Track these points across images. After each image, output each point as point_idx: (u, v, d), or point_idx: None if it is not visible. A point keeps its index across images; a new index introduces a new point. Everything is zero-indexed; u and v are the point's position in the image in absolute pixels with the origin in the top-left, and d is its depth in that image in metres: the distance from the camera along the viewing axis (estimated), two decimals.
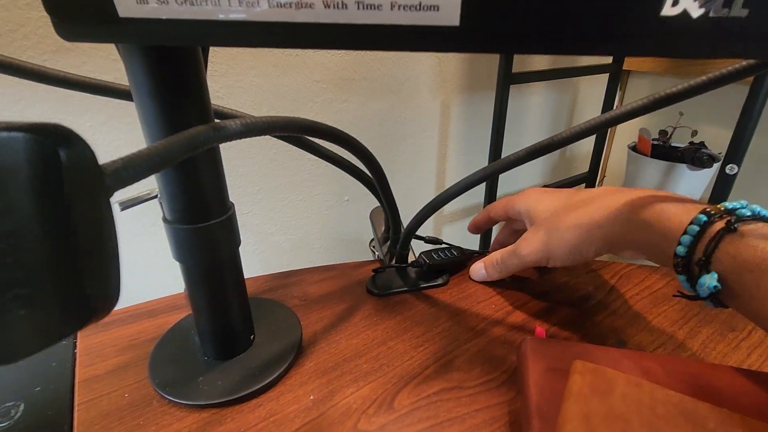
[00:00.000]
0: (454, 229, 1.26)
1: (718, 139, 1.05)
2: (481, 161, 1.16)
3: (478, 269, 0.45)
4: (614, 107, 1.38)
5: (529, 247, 0.39)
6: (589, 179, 1.40)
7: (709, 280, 0.26)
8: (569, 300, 0.42)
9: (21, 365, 0.36)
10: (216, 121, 0.22)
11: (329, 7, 0.17)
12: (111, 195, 0.12)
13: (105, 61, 0.52)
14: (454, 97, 1.03)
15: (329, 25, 0.18)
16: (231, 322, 0.34)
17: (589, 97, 1.46)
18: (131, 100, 0.26)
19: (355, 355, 0.36)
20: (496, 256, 0.43)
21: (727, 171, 0.85)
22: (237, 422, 0.30)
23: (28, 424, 0.30)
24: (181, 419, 0.30)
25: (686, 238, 0.27)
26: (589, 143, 1.38)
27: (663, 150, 1.06)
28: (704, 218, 0.27)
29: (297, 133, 0.26)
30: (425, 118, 1.01)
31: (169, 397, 0.31)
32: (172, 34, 0.19)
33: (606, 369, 0.27)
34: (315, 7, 0.17)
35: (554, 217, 0.38)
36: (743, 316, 0.27)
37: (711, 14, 0.16)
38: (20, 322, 0.10)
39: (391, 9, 0.17)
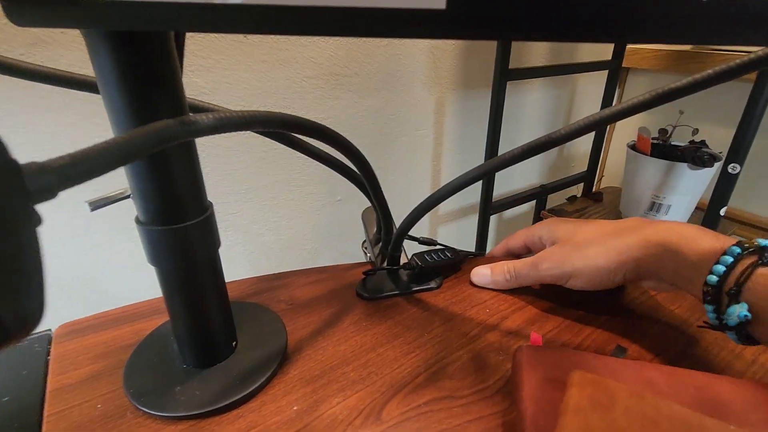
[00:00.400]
0: (449, 230, 1.25)
1: (719, 138, 1.04)
2: (477, 159, 1.15)
3: (483, 274, 0.44)
4: (613, 105, 1.37)
5: (551, 261, 0.38)
6: (588, 178, 1.39)
7: (739, 309, 0.27)
8: (566, 304, 0.41)
9: None
10: (187, 115, 0.21)
11: None
12: (35, 201, 0.11)
13: (84, 54, 0.50)
14: (449, 94, 1.02)
15: (311, 8, 0.16)
16: (211, 329, 0.32)
17: (587, 94, 1.46)
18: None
19: (343, 362, 0.35)
20: (509, 265, 0.42)
21: (730, 170, 0.84)
22: None
23: None
24: (160, 429, 0.28)
25: (719, 268, 0.29)
26: (587, 142, 1.38)
27: (663, 149, 1.05)
28: (738, 250, 0.29)
29: (278, 128, 0.25)
30: (420, 115, 0.99)
31: (144, 409, 0.30)
32: (139, 17, 0.17)
33: (606, 380, 0.25)
34: None
35: (582, 238, 0.38)
36: None
37: None
38: None
39: None
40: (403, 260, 0.46)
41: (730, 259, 0.28)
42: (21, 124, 0.54)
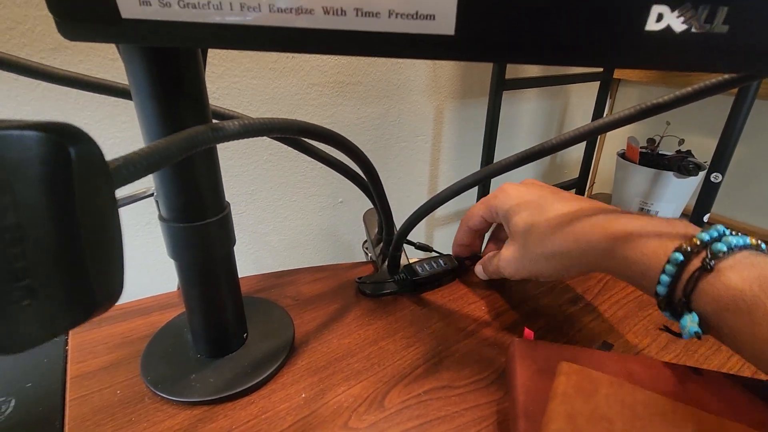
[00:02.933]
0: (445, 233, 1.27)
1: (704, 147, 1.07)
2: (474, 165, 1.17)
3: (478, 269, 0.45)
4: (604, 115, 1.40)
5: (512, 269, 0.38)
6: (580, 184, 1.41)
7: (690, 324, 0.26)
8: (557, 303, 0.43)
9: (12, 361, 0.36)
10: (214, 121, 0.23)
11: (329, 13, 0.18)
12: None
13: (102, 60, 0.52)
14: (448, 102, 1.04)
15: (328, 31, 0.18)
16: (224, 321, 0.34)
17: (579, 104, 1.48)
18: (130, 98, 0.26)
19: (347, 354, 0.36)
20: (484, 262, 0.43)
21: (712, 179, 0.86)
22: (229, 419, 0.30)
23: (19, 419, 0.30)
24: (172, 416, 0.30)
25: (665, 278, 0.27)
26: (579, 150, 1.40)
27: (651, 157, 1.08)
28: (681, 257, 0.26)
29: (294, 135, 0.27)
30: (419, 122, 1.01)
31: (161, 394, 0.31)
32: (173, 35, 0.19)
33: (591, 371, 0.27)
34: (315, 13, 0.18)
35: (533, 237, 0.36)
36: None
37: (693, 30, 0.16)
38: (24, 313, 0.10)
39: (389, 17, 0.18)
40: (403, 261, 0.48)
41: (672, 269, 0.27)
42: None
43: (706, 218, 0.91)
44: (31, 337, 0.10)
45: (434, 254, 0.49)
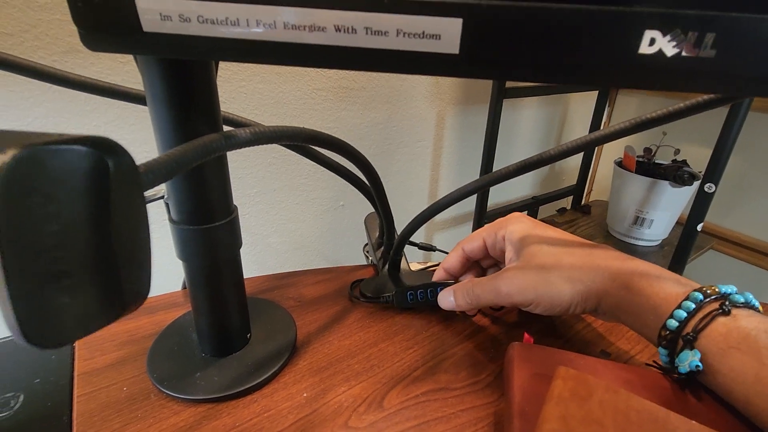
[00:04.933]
0: (444, 237, 1.28)
1: (699, 157, 1.08)
2: (474, 171, 1.18)
3: (446, 296, 0.39)
4: (602, 123, 1.41)
5: (513, 286, 0.34)
6: (577, 192, 1.42)
7: (692, 358, 0.27)
8: None
9: (21, 357, 0.36)
10: (227, 129, 0.23)
11: (340, 31, 0.19)
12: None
13: (112, 63, 0.53)
14: (449, 109, 1.05)
15: (339, 48, 0.19)
16: (229, 321, 0.35)
17: (578, 112, 1.49)
18: (143, 104, 0.27)
19: (348, 355, 0.37)
20: (468, 286, 0.37)
21: (706, 189, 0.87)
22: (232, 417, 0.31)
23: (28, 414, 0.31)
24: (177, 413, 0.31)
25: (680, 313, 0.28)
26: (577, 158, 1.41)
27: (647, 167, 1.09)
28: (700, 297, 0.28)
29: (303, 142, 0.28)
30: (420, 128, 1.02)
31: (167, 391, 0.32)
32: (191, 48, 0.20)
33: (587, 376, 0.28)
34: (327, 30, 0.19)
35: (546, 260, 0.34)
36: (719, 394, 0.27)
37: (683, 54, 0.17)
38: (63, 312, 0.11)
39: (397, 35, 0.18)
40: (403, 265, 0.48)
41: (692, 306, 0.28)
42: (51, 126, 0.57)
43: (699, 227, 0.92)
44: (68, 334, 0.11)
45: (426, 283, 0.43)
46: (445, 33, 0.18)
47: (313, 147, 0.37)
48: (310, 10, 0.18)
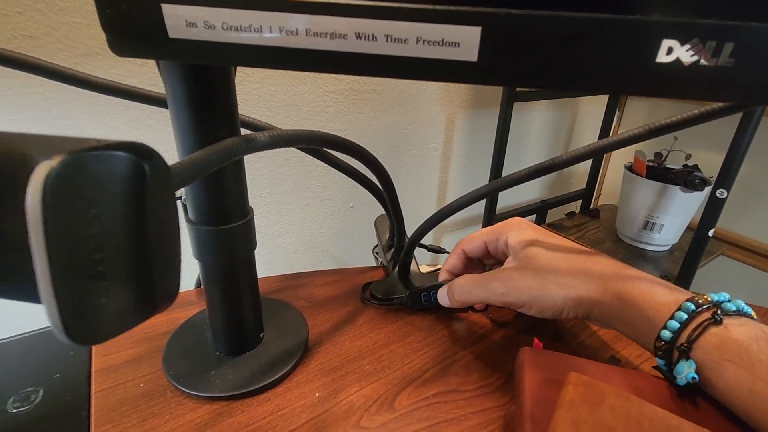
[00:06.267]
0: (454, 239, 1.28)
1: (711, 162, 1.07)
2: (483, 173, 1.18)
3: (443, 294, 0.40)
4: (612, 127, 1.40)
5: (509, 287, 0.35)
6: (586, 196, 1.42)
7: (687, 370, 0.27)
8: None
9: (39, 353, 0.37)
10: (247, 133, 0.24)
11: (361, 38, 0.19)
12: None
13: (131, 65, 0.54)
14: (459, 112, 1.05)
15: (359, 55, 0.19)
16: (243, 320, 0.35)
17: (588, 115, 1.49)
18: (164, 107, 0.28)
19: (359, 356, 0.37)
20: (461, 282, 0.38)
21: (717, 195, 0.87)
22: (247, 415, 0.31)
23: (48, 408, 0.32)
24: (193, 409, 0.31)
25: (673, 324, 0.28)
26: (586, 162, 1.40)
27: (657, 171, 1.08)
28: (693, 307, 0.28)
29: (318, 145, 0.28)
30: (431, 130, 1.03)
31: (183, 388, 0.32)
32: (215, 54, 0.20)
33: (598, 382, 0.28)
34: (348, 38, 0.19)
35: (543, 264, 0.35)
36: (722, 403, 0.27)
37: (701, 63, 0.17)
38: (101, 310, 0.11)
39: (417, 43, 0.19)
40: (413, 267, 0.49)
41: (684, 316, 0.28)
42: (69, 127, 0.58)
43: (710, 233, 0.92)
44: (105, 332, 0.12)
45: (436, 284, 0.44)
46: (464, 41, 0.18)
47: (327, 150, 0.37)
48: (332, 17, 0.19)
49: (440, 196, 1.13)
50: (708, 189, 0.98)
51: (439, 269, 0.50)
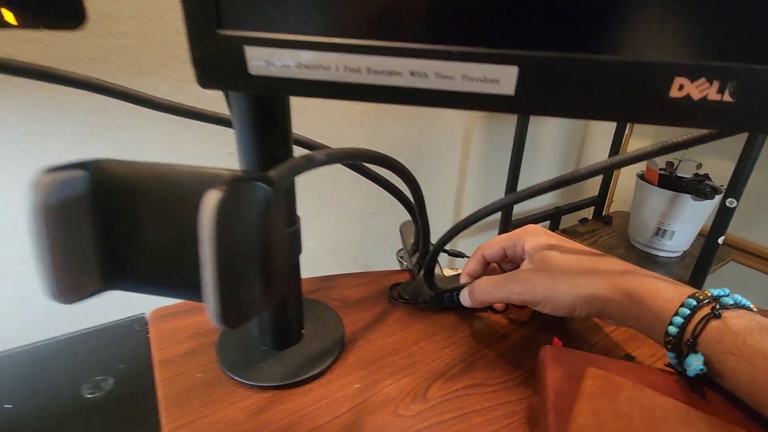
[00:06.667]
0: (470, 243, 1.30)
1: (721, 171, 1.08)
2: (499, 181, 1.20)
3: (465, 294, 0.43)
4: (624, 135, 1.41)
5: (523, 286, 0.37)
6: (599, 202, 1.43)
7: (696, 362, 0.29)
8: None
9: (104, 347, 0.40)
10: (308, 153, 0.27)
11: (414, 75, 0.22)
12: None
13: (179, 83, 0.57)
14: (477, 123, 1.08)
15: (412, 89, 0.22)
16: (288, 318, 0.38)
17: (601, 124, 1.50)
18: (227, 126, 0.31)
19: (392, 352, 0.40)
20: (482, 283, 0.41)
21: (727, 204, 0.88)
22: (295, 403, 0.34)
23: (119, 394, 0.35)
24: (248, 397, 0.34)
25: (677, 320, 0.30)
26: None
27: (669, 180, 1.09)
28: (693, 302, 0.30)
29: (366, 161, 0.31)
30: (449, 140, 1.06)
31: (237, 378, 0.35)
32: (286, 88, 0.23)
33: (615, 376, 0.30)
34: (403, 75, 0.22)
35: (556, 266, 0.37)
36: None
37: (708, 98, 0.20)
38: (242, 301, 0.14)
39: (462, 79, 0.22)
40: (437, 270, 0.51)
41: (687, 312, 0.30)
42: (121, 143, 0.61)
43: (720, 240, 0.93)
44: (244, 318, 0.15)
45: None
46: (503, 78, 0.21)
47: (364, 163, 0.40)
48: (390, 58, 0.22)
49: (457, 203, 1.16)
50: (718, 198, 0.99)
51: (460, 273, 0.53)
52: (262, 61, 0.23)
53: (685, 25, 0.20)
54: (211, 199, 0.12)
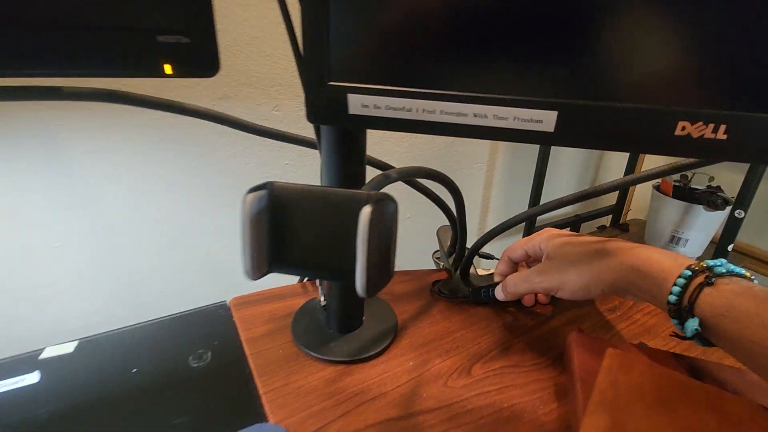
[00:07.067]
0: (495, 246, 1.35)
1: (732, 183, 1.12)
2: (523, 190, 1.24)
3: (498, 290, 0.49)
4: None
5: (543, 276, 0.43)
6: (616, 211, 1.47)
7: (692, 324, 0.32)
8: (600, 310, 0.52)
9: (199, 327, 0.47)
10: (384, 172, 0.33)
11: (477, 116, 0.28)
12: None
13: (254, 106, 0.64)
14: None
15: (474, 126, 0.29)
16: (353, 306, 0.45)
17: None
18: (313, 148, 0.38)
19: (437, 338, 0.46)
20: (511, 279, 0.47)
21: (736, 215, 0.92)
22: (362, 375, 0.40)
23: (218, 364, 0.42)
24: (323, 369, 0.41)
25: (676, 289, 0.33)
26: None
27: (683, 191, 1.13)
28: (689, 273, 0.33)
29: (423, 177, 0.37)
30: (477, 151, 1.11)
31: (312, 353, 0.42)
32: (375, 123, 0.30)
33: (630, 354, 0.36)
34: (467, 115, 0.28)
35: (569, 255, 0.42)
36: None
37: (705, 137, 0.26)
38: (376, 279, 0.21)
39: (513, 120, 0.28)
40: (471, 270, 0.57)
41: (683, 281, 0.33)
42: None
43: (730, 248, 0.97)
44: (376, 291, 0.21)
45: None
46: (545, 119, 0.27)
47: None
48: (458, 104, 0.28)
49: (483, 210, 1.21)
50: (729, 208, 1.03)
51: (491, 273, 0.59)
52: (359, 104, 0.29)
53: (686, 83, 0.26)
54: (366, 212, 0.19)
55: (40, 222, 0.58)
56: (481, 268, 0.62)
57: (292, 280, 0.56)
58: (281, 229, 0.22)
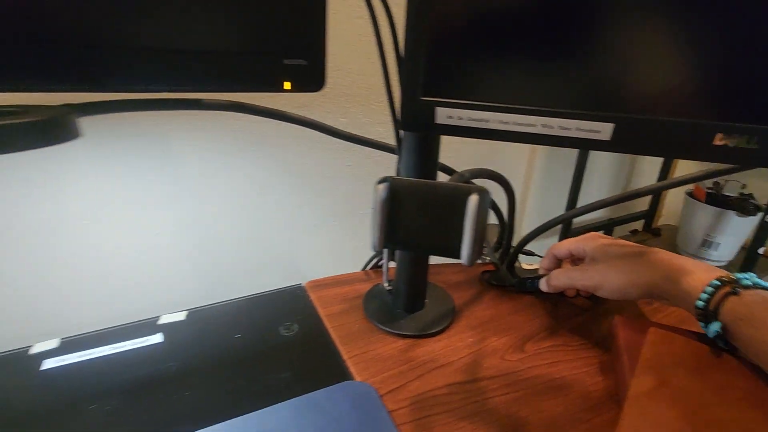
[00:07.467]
0: (534, 244, 1.39)
1: (764, 191, 1.12)
2: (559, 193, 1.26)
3: (543, 282, 0.52)
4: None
5: (585, 273, 0.46)
6: (648, 216, 1.48)
7: (715, 326, 0.36)
8: (635, 303, 0.56)
9: (284, 304, 0.54)
10: (459, 171, 0.39)
11: (545, 126, 0.34)
12: None
13: (325, 113, 0.71)
14: None
15: (541, 134, 0.34)
16: (420, 288, 0.50)
17: None
18: (390, 152, 0.44)
19: (491, 320, 0.51)
20: (555, 273, 0.51)
21: (767, 221, 0.93)
22: (428, 348, 0.46)
23: (303, 335, 0.48)
24: (395, 341, 0.47)
25: (704, 296, 0.37)
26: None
27: (715, 198, 1.15)
28: (717, 283, 0.37)
29: (486, 178, 0.43)
30: (516, 155, 1.15)
31: (384, 328, 0.48)
32: (455, 131, 0.36)
33: (670, 332, 0.41)
34: (536, 126, 0.34)
35: (611, 259, 0.45)
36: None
37: (738, 146, 0.31)
38: (477, 254, 0.26)
39: (575, 130, 0.33)
40: (516, 264, 0.62)
41: (711, 289, 0.37)
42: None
43: (760, 251, 0.98)
44: (473, 262, 0.27)
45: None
46: (603, 129, 0.33)
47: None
48: (528, 116, 0.34)
49: (520, 211, 1.25)
50: (761, 215, 1.04)
51: (536, 268, 0.64)
52: (445, 116, 0.35)
53: (722, 100, 0.30)
54: (474, 199, 0.24)
55: (157, 210, 0.67)
56: (525, 263, 0.67)
57: (356, 268, 0.62)
58: (396, 213, 0.27)
